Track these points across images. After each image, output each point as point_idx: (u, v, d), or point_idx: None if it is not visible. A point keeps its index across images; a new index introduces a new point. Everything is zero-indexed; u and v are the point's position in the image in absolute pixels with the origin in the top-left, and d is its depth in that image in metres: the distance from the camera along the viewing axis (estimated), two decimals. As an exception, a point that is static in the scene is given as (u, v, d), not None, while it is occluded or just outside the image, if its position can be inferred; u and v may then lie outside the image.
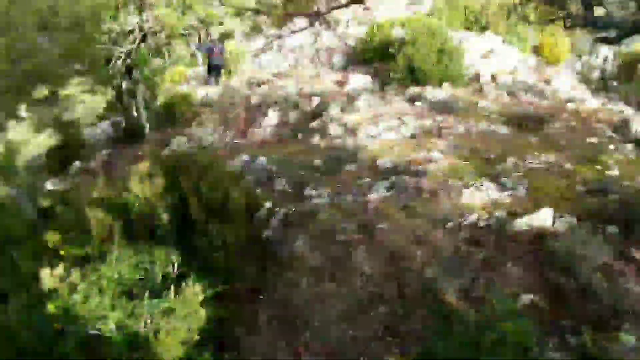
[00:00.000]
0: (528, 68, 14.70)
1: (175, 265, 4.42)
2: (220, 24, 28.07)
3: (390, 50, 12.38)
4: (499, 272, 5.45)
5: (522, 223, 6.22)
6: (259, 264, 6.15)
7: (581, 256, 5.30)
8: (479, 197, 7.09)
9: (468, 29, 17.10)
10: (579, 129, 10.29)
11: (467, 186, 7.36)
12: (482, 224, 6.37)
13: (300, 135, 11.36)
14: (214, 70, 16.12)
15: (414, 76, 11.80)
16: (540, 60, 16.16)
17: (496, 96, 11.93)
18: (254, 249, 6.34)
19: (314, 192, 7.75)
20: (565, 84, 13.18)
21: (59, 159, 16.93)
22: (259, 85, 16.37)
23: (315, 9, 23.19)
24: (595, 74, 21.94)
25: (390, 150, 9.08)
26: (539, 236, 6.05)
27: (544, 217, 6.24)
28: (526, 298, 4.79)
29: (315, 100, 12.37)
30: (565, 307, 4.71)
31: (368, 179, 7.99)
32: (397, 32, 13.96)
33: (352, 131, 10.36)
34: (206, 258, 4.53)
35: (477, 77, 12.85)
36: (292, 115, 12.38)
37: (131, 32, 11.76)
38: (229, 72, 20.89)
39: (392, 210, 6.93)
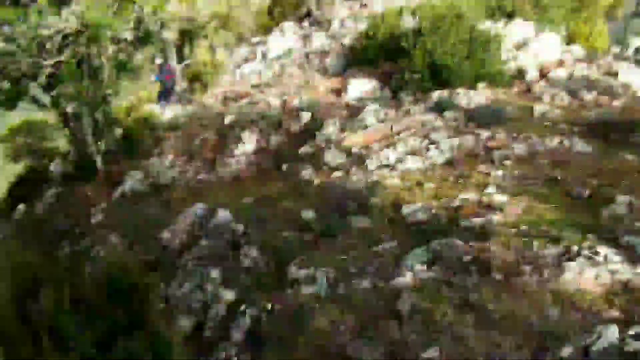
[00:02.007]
0: (577, 60, 11.69)
1: None
2: (205, 37, 25.61)
3: (401, 44, 9.42)
4: None
5: None
6: None
7: None
8: (596, 277, 4.04)
9: (491, 17, 14.21)
10: (686, 139, 7.25)
11: (568, 254, 4.32)
12: (629, 346, 3.31)
13: (285, 167, 8.37)
14: (166, 92, 13.75)
15: (438, 76, 8.83)
16: (589, 50, 13.24)
17: (552, 97, 8.93)
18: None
19: (302, 273, 4.72)
20: (635, 77, 10.17)
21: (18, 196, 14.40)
22: (235, 100, 13.48)
23: (304, 9, 20.51)
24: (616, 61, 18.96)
25: (419, 188, 6.06)
26: None
27: None
28: None
29: (305, 116, 9.39)
30: None
31: (391, 244, 4.95)
32: (408, 22, 11.03)
33: (358, 159, 7.37)
34: None
35: (520, 74, 9.87)
36: (275, 138, 9.39)
37: (51, 37, 8.81)
38: (205, 87, 18.15)
39: (444, 312, 3.88)
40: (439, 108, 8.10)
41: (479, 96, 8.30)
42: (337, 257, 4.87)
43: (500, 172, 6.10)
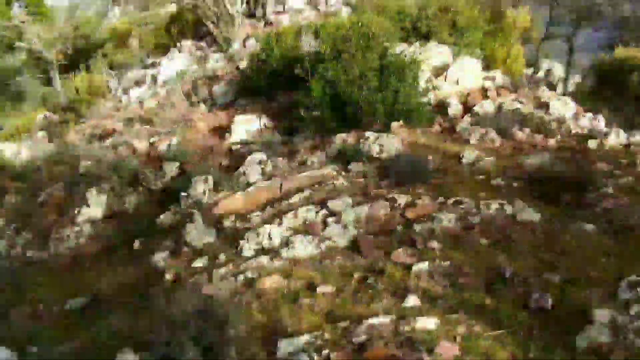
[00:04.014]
0: (500, 87, 10.43)
1: None
2: (104, 56, 23.10)
3: (297, 71, 7.57)
4: None
5: None
6: None
7: None
8: None
9: (405, 39, 12.86)
10: (647, 194, 5.88)
11: None
12: None
13: (137, 243, 6.18)
14: None
15: (343, 114, 7.03)
16: (512, 76, 12.17)
17: (481, 138, 7.42)
18: None
19: None
20: (568, 108, 8.97)
21: None
22: (102, 138, 11.09)
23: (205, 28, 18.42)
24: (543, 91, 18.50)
25: (309, 295, 4.12)
26: None
27: None
28: None
29: (171, 169, 7.24)
30: None
31: None
32: (309, 43, 9.24)
33: (231, 237, 5.34)
34: None
35: (441, 107, 8.34)
36: (131, 199, 7.15)
37: None
38: (80, 118, 15.57)
39: None
40: (344, 158, 6.28)
41: (394, 141, 6.56)
42: None
43: (425, 265, 4.29)
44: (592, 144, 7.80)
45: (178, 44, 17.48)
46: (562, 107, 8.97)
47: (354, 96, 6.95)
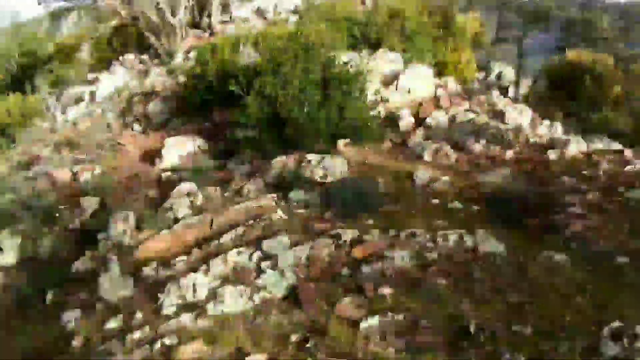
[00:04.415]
0: (453, 96, 9.92)
1: None
2: (51, 71, 21.54)
3: (231, 87, 6.79)
4: None
5: None
6: None
7: None
8: None
9: (354, 47, 12.29)
10: (615, 212, 5.36)
11: None
12: None
13: (51, 296, 5.25)
14: None
15: (282, 134, 6.28)
16: (464, 83, 11.76)
17: (435, 153, 6.81)
18: None
19: None
20: (524, 116, 8.51)
21: None
22: (28, 166, 9.97)
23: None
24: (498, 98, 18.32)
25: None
26: None
27: None
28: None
29: (90, 204, 6.31)
30: None
31: None
32: (248, 56, 8.47)
33: (151, 288, 4.50)
34: None
35: (391, 121, 7.71)
36: (46, 241, 6.18)
37: None
38: (13, 143, 14.26)
39: None
40: (282, 185, 5.52)
41: (339, 163, 5.85)
42: None
43: (375, 320, 3.58)
44: (552, 154, 7.33)
45: (121, 58, 16.40)
46: (518, 116, 8.51)
47: (295, 114, 6.22)
